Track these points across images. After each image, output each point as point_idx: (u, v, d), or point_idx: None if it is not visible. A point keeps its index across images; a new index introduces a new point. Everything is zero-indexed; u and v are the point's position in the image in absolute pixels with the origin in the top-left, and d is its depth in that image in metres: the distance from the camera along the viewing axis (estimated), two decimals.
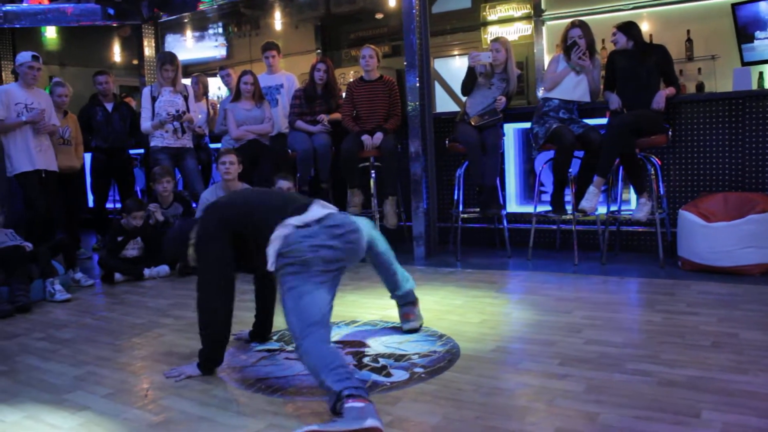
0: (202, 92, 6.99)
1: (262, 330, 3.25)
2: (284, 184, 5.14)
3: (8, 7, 7.92)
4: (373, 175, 5.61)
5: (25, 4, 8.02)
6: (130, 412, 2.47)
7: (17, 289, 4.26)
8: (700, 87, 6.84)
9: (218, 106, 7.32)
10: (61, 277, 4.67)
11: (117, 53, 10.34)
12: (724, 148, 4.84)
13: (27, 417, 2.47)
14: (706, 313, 3.36)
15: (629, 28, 4.80)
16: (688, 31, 6.98)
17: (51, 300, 4.45)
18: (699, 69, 6.95)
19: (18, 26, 8.20)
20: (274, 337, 3.30)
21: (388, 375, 2.70)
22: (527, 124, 5.25)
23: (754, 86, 5.76)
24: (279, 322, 3.56)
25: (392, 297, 3.35)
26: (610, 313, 3.49)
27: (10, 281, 4.31)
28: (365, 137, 5.50)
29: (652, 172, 4.67)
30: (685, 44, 6.98)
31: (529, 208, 5.36)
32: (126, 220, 5.19)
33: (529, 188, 5.65)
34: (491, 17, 8.38)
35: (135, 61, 9.42)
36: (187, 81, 6.57)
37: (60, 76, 9.28)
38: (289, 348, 3.11)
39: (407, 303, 3.33)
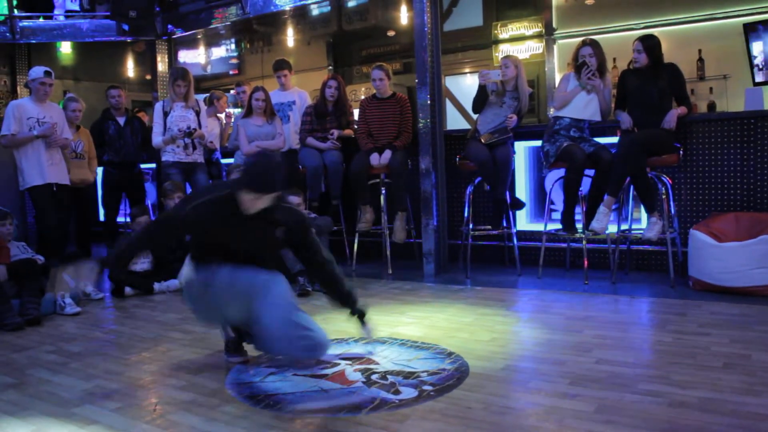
0: (223, 108, 7.14)
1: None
2: (294, 199, 5.15)
3: (25, 23, 8.02)
4: (384, 191, 5.62)
5: (41, 20, 8.12)
6: (138, 426, 2.47)
7: (28, 302, 4.28)
8: (711, 106, 6.82)
9: (231, 120, 7.39)
10: (71, 290, 4.69)
11: (130, 68, 10.44)
12: (736, 168, 4.83)
13: (36, 430, 2.47)
14: (717, 334, 3.33)
15: (652, 46, 4.75)
16: (700, 51, 6.98)
17: (61, 313, 4.47)
18: (711, 88, 6.94)
19: (34, 41, 8.30)
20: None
21: (397, 392, 2.69)
22: (538, 142, 5.26)
23: (766, 106, 5.74)
24: None
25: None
26: (621, 332, 3.47)
27: (21, 294, 4.33)
28: (373, 156, 5.53)
29: (663, 191, 4.65)
30: (696, 63, 6.98)
31: (539, 226, 5.35)
32: (133, 230, 5.21)
33: (540, 206, 5.63)
34: (503, 35, 8.40)
35: (148, 76, 9.50)
36: (199, 96, 6.63)
37: (74, 90, 9.39)
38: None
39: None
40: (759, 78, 6.48)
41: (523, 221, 5.68)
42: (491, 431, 2.27)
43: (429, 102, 5.39)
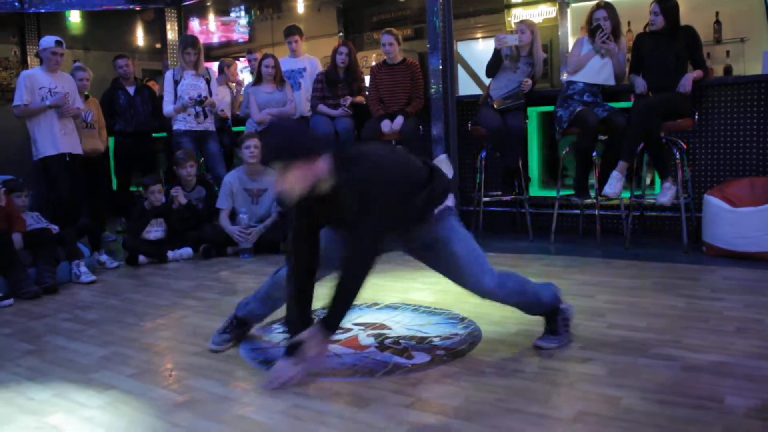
0: (234, 76, 7.12)
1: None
2: None
3: None
4: None
5: None
6: (155, 391, 2.50)
7: (44, 271, 4.33)
8: (728, 70, 6.72)
9: (242, 87, 7.39)
10: (86, 259, 4.74)
11: (140, 37, 10.39)
12: (752, 133, 4.77)
13: (55, 395, 2.51)
14: (730, 299, 3.33)
15: (669, 8, 4.65)
16: (717, 13, 6.85)
17: (77, 282, 4.52)
18: (727, 52, 6.83)
19: (43, 11, 8.26)
20: None
21: (410, 357, 2.71)
22: (551, 108, 5.21)
23: None
24: None
25: None
26: (633, 297, 3.47)
27: (37, 263, 4.38)
28: (384, 122, 5.50)
29: (678, 156, 4.61)
30: (713, 26, 6.85)
31: (551, 192, 5.32)
32: (148, 202, 5.24)
33: (552, 172, 5.60)
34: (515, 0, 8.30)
35: (158, 45, 9.46)
36: (211, 64, 6.60)
37: (84, 60, 9.36)
38: None
39: None
40: None
41: (536, 187, 5.65)
42: (504, 395, 2.29)
43: (441, 67, 5.35)
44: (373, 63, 7.39)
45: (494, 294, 2.65)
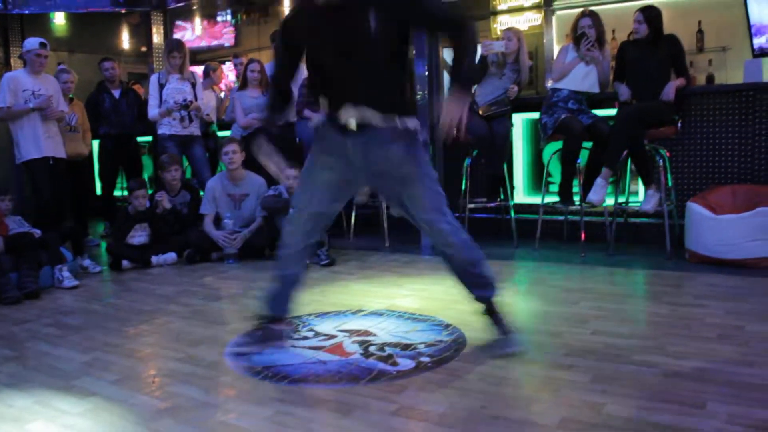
0: (220, 80, 7.11)
1: None
2: (291, 172, 5.14)
3: None
4: None
5: None
6: (137, 398, 2.49)
7: (26, 276, 4.28)
8: (710, 78, 6.78)
9: (226, 93, 7.38)
10: (69, 263, 4.69)
11: (126, 40, 10.34)
12: (734, 141, 4.82)
13: (36, 402, 2.49)
14: (712, 305, 3.36)
15: (653, 17, 4.70)
16: (699, 22, 6.92)
17: (59, 287, 4.48)
18: (710, 60, 6.90)
19: (27, 12, 8.20)
20: None
21: (395, 364, 2.71)
22: (536, 115, 5.24)
23: (766, 78, 5.71)
24: None
25: None
26: (617, 304, 3.49)
27: (19, 267, 4.34)
28: None
29: (661, 163, 4.65)
30: (696, 35, 6.92)
31: (536, 199, 5.35)
32: (132, 206, 5.20)
33: (537, 179, 5.63)
34: (501, 6, 8.32)
35: (143, 48, 9.41)
36: (196, 68, 6.58)
37: (68, 62, 9.30)
38: (296, 336, 3.13)
39: None
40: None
41: (521, 194, 5.68)
42: (488, 401, 2.29)
43: (426, 73, 5.36)
44: None
45: (448, 236, 2.84)
